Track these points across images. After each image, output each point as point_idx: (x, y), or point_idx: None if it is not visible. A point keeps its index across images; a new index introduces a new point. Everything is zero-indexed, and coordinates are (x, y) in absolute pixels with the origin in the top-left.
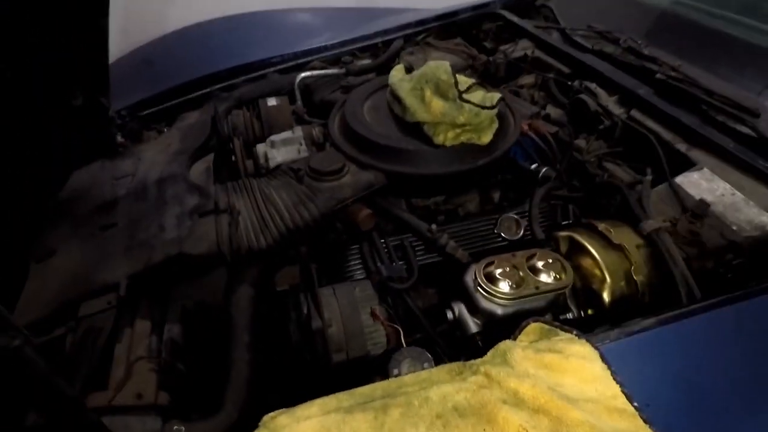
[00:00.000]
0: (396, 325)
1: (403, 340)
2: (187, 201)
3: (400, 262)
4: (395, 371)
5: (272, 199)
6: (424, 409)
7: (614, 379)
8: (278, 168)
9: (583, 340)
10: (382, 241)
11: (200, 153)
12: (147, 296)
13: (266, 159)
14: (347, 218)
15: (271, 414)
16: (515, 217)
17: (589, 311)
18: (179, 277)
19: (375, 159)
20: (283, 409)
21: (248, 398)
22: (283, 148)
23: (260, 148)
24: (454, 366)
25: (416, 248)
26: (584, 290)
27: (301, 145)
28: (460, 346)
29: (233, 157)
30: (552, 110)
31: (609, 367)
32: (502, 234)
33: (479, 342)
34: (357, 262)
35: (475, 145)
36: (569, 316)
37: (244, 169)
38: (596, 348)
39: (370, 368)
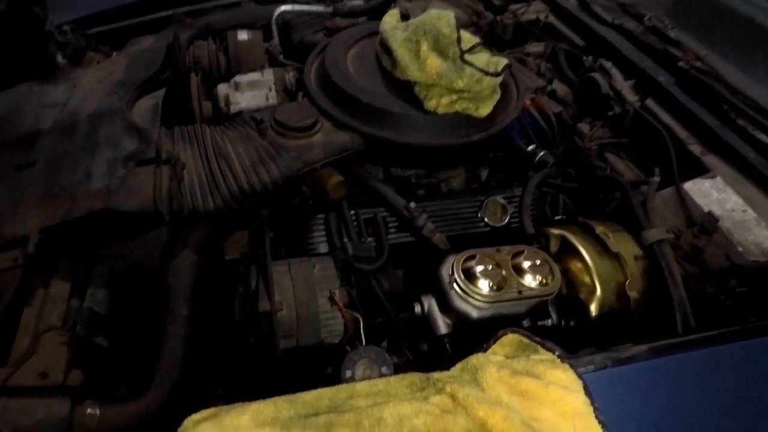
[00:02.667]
0: (356, 314)
1: (362, 331)
2: (123, 144)
3: (370, 239)
4: (348, 373)
5: (226, 153)
6: None
7: (596, 418)
8: (239, 116)
9: (566, 365)
10: (352, 213)
11: (149, 87)
12: (69, 253)
13: (227, 103)
14: (315, 182)
15: (194, 417)
16: (502, 201)
17: (571, 322)
18: (107, 235)
19: (354, 118)
20: (210, 412)
21: (181, 379)
22: (248, 92)
23: (222, 88)
24: (416, 378)
25: (389, 224)
26: (570, 298)
27: (270, 90)
28: (426, 340)
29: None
30: (559, 86)
31: (592, 403)
32: (486, 219)
33: (447, 345)
34: (321, 233)
35: (471, 116)
36: (548, 323)
37: (200, 112)
38: (580, 377)
39: (322, 358)
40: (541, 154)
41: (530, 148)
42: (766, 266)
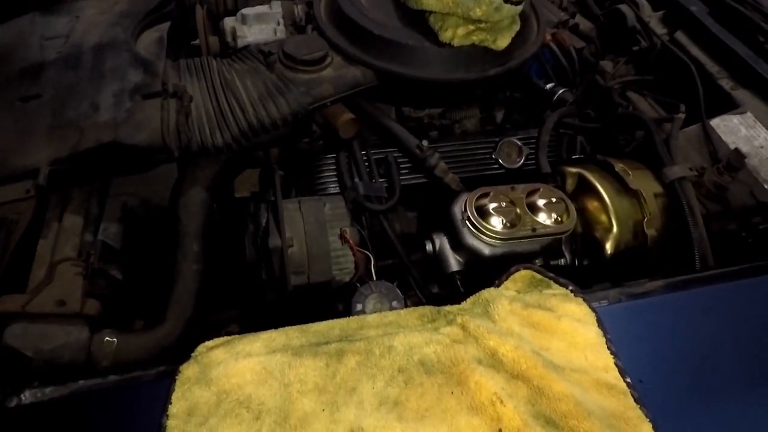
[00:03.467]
0: (367, 252)
1: (372, 270)
2: (129, 77)
3: (381, 180)
4: (359, 306)
5: (234, 87)
6: (385, 360)
7: (608, 348)
8: (246, 49)
9: (580, 299)
10: (363, 153)
11: (153, 19)
12: (82, 187)
13: (234, 37)
14: (325, 121)
15: (208, 343)
16: (518, 142)
17: (585, 261)
18: (117, 168)
19: (365, 52)
20: (223, 339)
21: (194, 313)
22: (256, 26)
23: (228, 22)
24: (427, 311)
25: (401, 166)
26: (584, 237)
27: (278, 24)
28: (437, 281)
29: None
30: (582, 21)
31: (604, 334)
32: (500, 161)
33: (458, 282)
34: (332, 174)
35: (488, 49)
36: (561, 262)
37: (207, 46)
38: (593, 310)
39: (333, 296)
40: (561, 92)
41: (549, 86)
42: None
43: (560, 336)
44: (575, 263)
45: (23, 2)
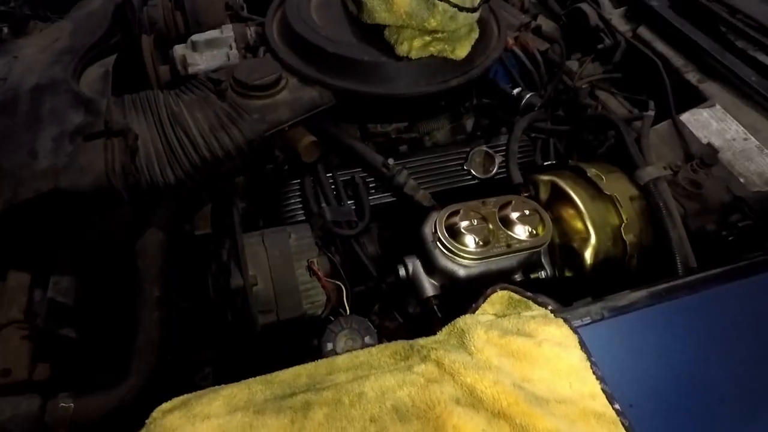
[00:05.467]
0: (338, 282)
1: (345, 300)
2: (69, 118)
3: (350, 202)
4: (329, 345)
5: (182, 120)
6: (355, 410)
7: (594, 372)
8: (195, 78)
9: (560, 320)
10: (329, 175)
11: (97, 53)
12: (26, 241)
13: (185, 65)
14: (286, 145)
15: (164, 406)
16: (489, 150)
17: (566, 272)
18: (63, 218)
19: (320, 71)
20: (181, 400)
21: (158, 364)
22: (207, 52)
23: (178, 50)
24: (400, 347)
25: (370, 185)
26: (562, 248)
27: (231, 49)
28: (416, 302)
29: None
30: (544, 22)
31: (588, 357)
32: (473, 171)
33: (435, 308)
34: (298, 200)
35: (448, 59)
36: (542, 275)
37: (156, 77)
38: (574, 331)
39: (306, 331)
40: (528, 96)
41: (516, 91)
42: None
43: (542, 364)
44: (556, 275)
45: None
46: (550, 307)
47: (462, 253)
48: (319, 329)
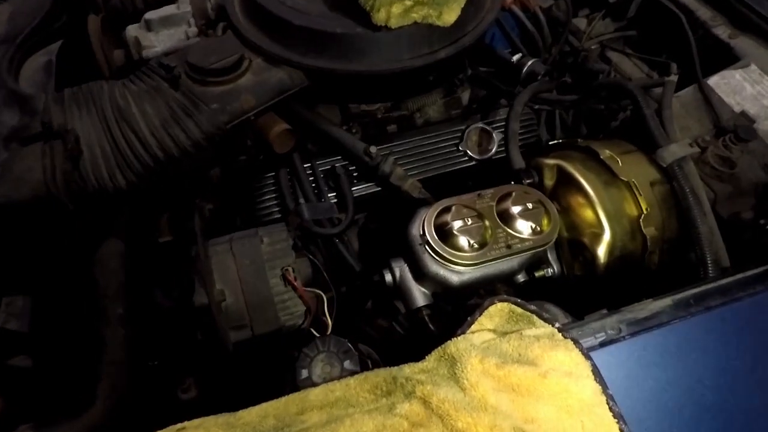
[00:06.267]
0: (317, 291)
1: (327, 309)
2: (2, 119)
3: (331, 194)
4: (304, 373)
5: (129, 115)
6: None
7: (610, 409)
8: (147, 64)
9: (569, 343)
10: (308, 166)
11: (38, 40)
12: None
13: (139, 48)
14: (258, 135)
15: None
16: (485, 127)
17: (577, 270)
18: (5, 232)
19: (288, 49)
20: None
21: (128, 384)
22: (164, 31)
23: (131, 31)
24: (381, 379)
25: (353, 174)
26: (572, 242)
27: (189, 26)
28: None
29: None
30: None
31: (604, 390)
32: (469, 152)
33: (427, 319)
34: (274, 196)
35: (434, 26)
36: (549, 272)
37: (108, 65)
38: (586, 356)
39: (286, 344)
40: (530, 63)
41: (515, 57)
42: None
43: (548, 399)
44: (564, 273)
45: None
46: (557, 325)
47: (455, 258)
48: (301, 341)
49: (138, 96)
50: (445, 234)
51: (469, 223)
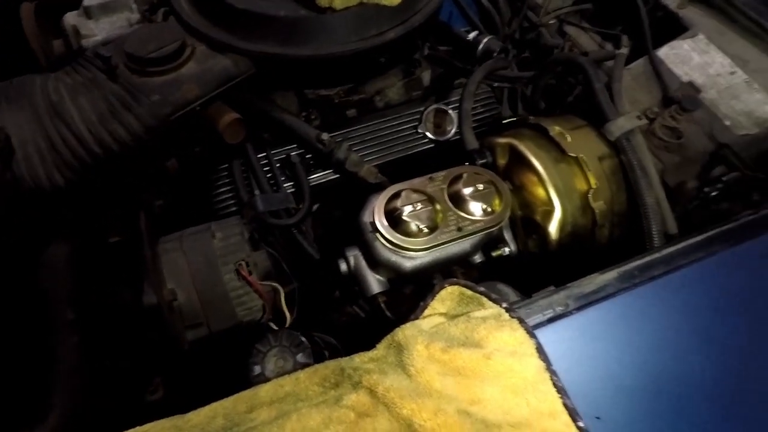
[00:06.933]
0: (273, 284)
1: (283, 302)
2: None
3: (288, 184)
4: (257, 369)
5: (63, 110)
6: None
7: (554, 385)
8: (83, 55)
9: (514, 322)
10: (262, 155)
11: None
12: None
13: (78, 37)
14: (207, 125)
15: None
16: (442, 108)
17: (531, 247)
18: None
19: (232, 34)
20: None
21: (84, 393)
22: (104, 18)
23: (69, 19)
24: (330, 371)
25: (310, 162)
26: (525, 220)
27: (132, 12)
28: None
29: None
30: None
31: (547, 366)
32: (428, 134)
33: (383, 305)
34: (229, 188)
35: (382, 6)
36: (505, 251)
37: (44, 55)
38: (531, 335)
39: (246, 338)
40: (485, 41)
41: (471, 35)
42: (759, 139)
43: (492, 380)
44: (520, 250)
45: None
46: (504, 305)
47: (405, 244)
48: (262, 334)
49: (73, 89)
50: (395, 220)
51: (419, 207)
